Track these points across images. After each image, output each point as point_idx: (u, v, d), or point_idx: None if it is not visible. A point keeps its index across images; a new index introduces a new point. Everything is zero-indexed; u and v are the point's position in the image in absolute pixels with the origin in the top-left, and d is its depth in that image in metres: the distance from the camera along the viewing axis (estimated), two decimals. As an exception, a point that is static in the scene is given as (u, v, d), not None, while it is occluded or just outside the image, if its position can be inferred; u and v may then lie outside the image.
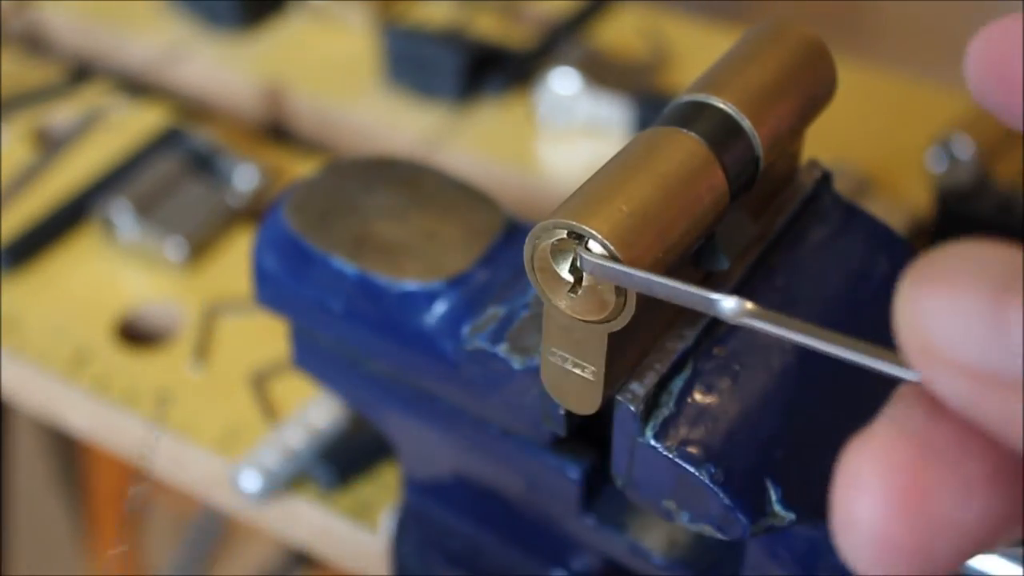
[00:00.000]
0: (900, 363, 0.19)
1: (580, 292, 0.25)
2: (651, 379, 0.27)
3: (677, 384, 0.27)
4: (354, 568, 0.45)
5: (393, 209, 0.36)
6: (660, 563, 0.34)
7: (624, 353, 0.27)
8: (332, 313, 0.35)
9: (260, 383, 0.48)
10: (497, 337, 0.30)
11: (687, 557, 0.34)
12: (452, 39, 0.63)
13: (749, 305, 0.22)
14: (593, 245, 0.24)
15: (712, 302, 0.23)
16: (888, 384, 0.22)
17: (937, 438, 0.17)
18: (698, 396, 0.27)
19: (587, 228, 0.24)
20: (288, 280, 0.35)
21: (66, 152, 0.61)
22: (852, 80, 0.62)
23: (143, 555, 0.86)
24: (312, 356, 0.38)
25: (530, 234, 0.25)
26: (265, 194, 0.58)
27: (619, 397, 0.27)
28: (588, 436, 0.32)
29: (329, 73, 0.67)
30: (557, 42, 0.67)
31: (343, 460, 0.44)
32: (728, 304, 0.22)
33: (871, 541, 0.17)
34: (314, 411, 0.45)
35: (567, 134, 0.61)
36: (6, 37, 0.72)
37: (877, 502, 0.17)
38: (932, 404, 0.18)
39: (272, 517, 0.45)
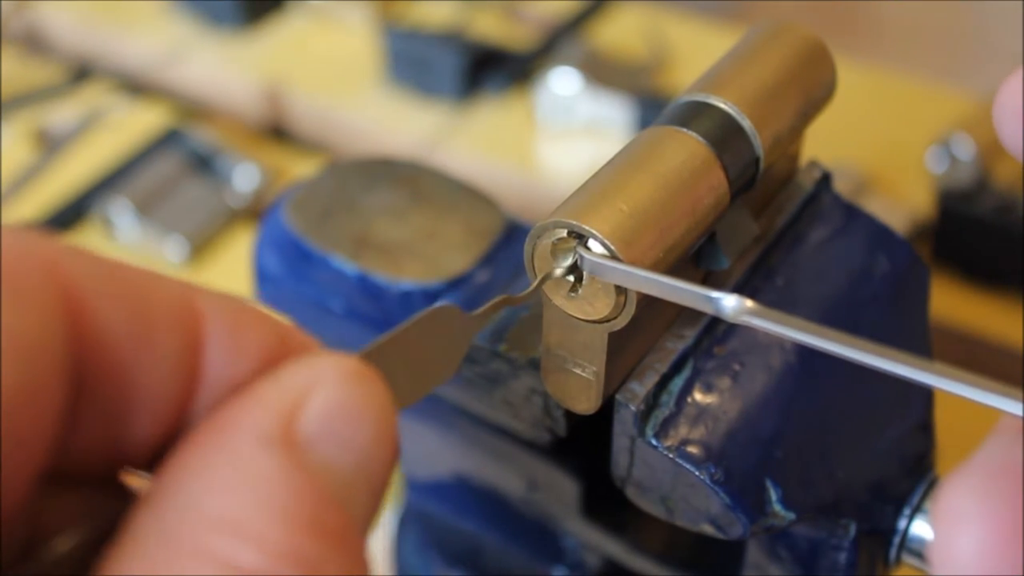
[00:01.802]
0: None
1: (580, 292, 0.25)
2: (651, 379, 0.27)
3: (677, 384, 0.27)
4: (354, 568, 0.45)
5: (393, 209, 0.36)
6: (660, 563, 0.34)
7: (624, 353, 0.27)
8: (332, 313, 0.35)
9: (260, 383, 0.48)
10: (497, 337, 0.30)
11: (687, 557, 0.34)
12: (452, 39, 0.64)
13: (749, 303, 0.22)
14: (593, 245, 0.24)
15: (713, 300, 0.23)
16: (887, 383, 0.22)
17: None
18: (698, 396, 0.27)
19: (587, 228, 0.24)
20: (288, 280, 0.35)
21: (66, 152, 0.61)
22: (852, 80, 0.62)
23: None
24: (312, 356, 0.38)
25: (530, 234, 0.25)
26: (265, 194, 0.58)
27: (619, 397, 0.27)
28: (588, 436, 0.32)
29: (329, 73, 0.67)
30: (557, 42, 0.67)
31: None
32: (729, 302, 0.22)
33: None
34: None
35: (567, 134, 0.61)
36: (6, 37, 0.72)
37: (978, 537, 0.17)
38: None
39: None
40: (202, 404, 0.19)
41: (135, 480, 0.20)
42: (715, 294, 0.22)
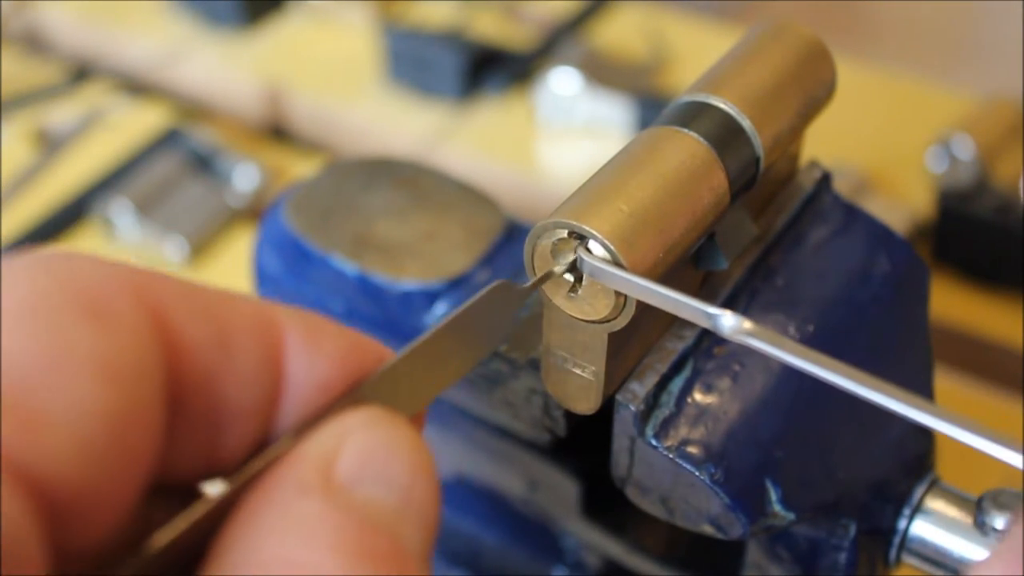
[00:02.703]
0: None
1: (580, 292, 0.25)
2: (651, 379, 0.27)
3: (677, 384, 0.27)
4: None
5: (393, 209, 0.36)
6: (660, 563, 0.34)
7: (624, 353, 0.27)
8: (332, 313, 0.35)
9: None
10: (497, 337, 0.30)
11: (687, 557, 0.34)
12: (452, 39, 0.64)
13: (747, 324, 0.22)
14: (593, 245, 0.24)
15: (711, 317, 0.23)
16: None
17: None
18: (698, 396, 0.27)
19: (587, 228, 0.24)
20: (288, 280, 0.35)
21: (66, 152, 0.61)
22: (852, 80, 0.62)
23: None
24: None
25: (530, 234, 0.25)
26: (265, 194, 0.58)
27: (619, 397, 0.27)
28: (588, 436, 0.32)
29: (329, 73, 0.67)
30: (557, 42, 0.67)
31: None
32: (727, 321, 0.22)
33: None
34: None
35: (567, 134, 0.61)
36: (6, 37, 0.72)
37: None
38: None
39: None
40: (289, 407, 0.21)
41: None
42: (713, 310, 0.23)
